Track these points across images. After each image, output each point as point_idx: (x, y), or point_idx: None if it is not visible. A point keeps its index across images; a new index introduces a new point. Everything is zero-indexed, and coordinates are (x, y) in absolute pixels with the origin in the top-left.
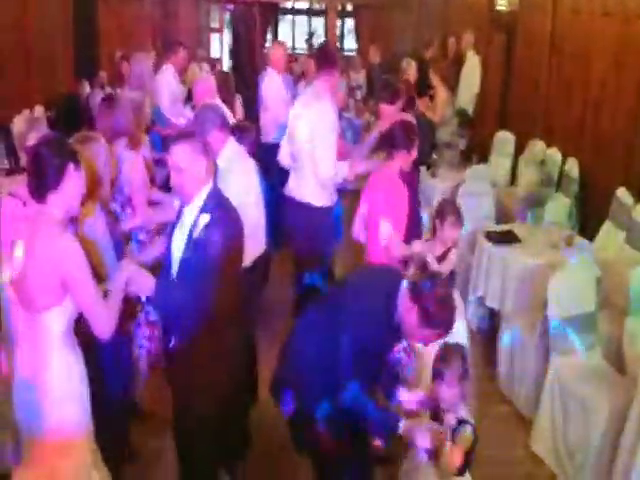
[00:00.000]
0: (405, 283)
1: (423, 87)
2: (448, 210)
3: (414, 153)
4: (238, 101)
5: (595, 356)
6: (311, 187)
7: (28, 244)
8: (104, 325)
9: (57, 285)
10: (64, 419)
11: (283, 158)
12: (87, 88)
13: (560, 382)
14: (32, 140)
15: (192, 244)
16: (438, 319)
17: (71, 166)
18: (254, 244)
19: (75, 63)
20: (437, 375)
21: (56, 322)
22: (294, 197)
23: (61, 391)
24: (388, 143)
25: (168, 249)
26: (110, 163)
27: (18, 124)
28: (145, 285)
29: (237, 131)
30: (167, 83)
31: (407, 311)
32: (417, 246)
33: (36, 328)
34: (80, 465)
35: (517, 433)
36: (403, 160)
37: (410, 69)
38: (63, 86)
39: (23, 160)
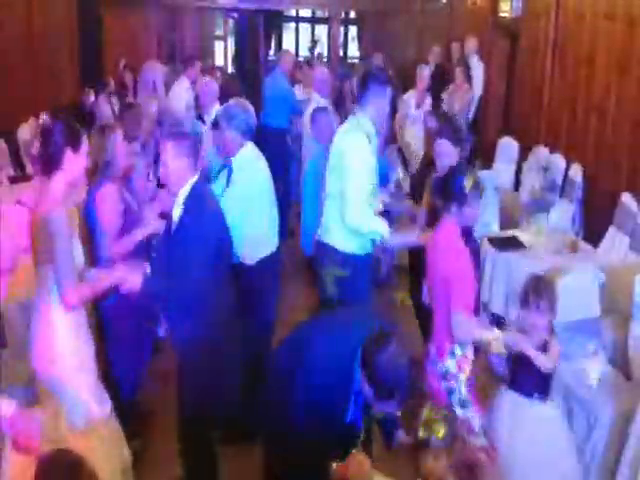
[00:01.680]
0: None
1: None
2: (538, 291)
3: (474, 208)
4: None
5: (600, 361)
6: (339, 227)
7: (35, 208)
8: (67, 293)
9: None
10: (66, 367)
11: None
12: (92, 96)
13: (565, 387)
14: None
15: (171, 238)
16: (390, 391)
17: (69, 151)
18: (260, 244)
19: (81, 71)
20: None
21: (50, 276)
22: (321, 239)
23: (60, 341)
24: (444, 194)
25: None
26: (128, 154)
27: (24, 132)
28: (134, 284)
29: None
30: (181, 96)
31: (362, 382)
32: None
33: (40, 281)
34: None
35: None
36: (462, 215)
37: (423, 74)
38: (69, 94)
39: (28, 168)
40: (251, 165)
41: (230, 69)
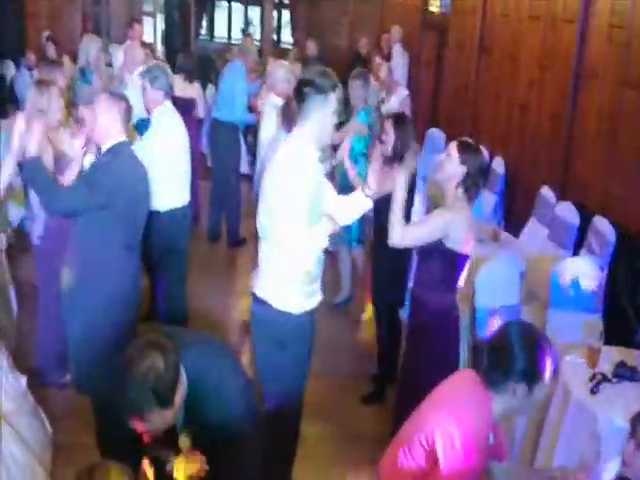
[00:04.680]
0: None
1: None
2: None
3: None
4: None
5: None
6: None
7: None
8: None
9: None
10: None
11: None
12: (12, 69)
13: None
14: None
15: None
16: None
17: None
18: (175, 193)
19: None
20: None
21: None
22: (255, 293)
23: None
24: (497, 369)
25: None
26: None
27: None
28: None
29: None
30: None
31: None
32: None
33: None
34: None
35: None
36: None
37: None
38: None
39: None
40: (168, 121)
41: (160, 47)
